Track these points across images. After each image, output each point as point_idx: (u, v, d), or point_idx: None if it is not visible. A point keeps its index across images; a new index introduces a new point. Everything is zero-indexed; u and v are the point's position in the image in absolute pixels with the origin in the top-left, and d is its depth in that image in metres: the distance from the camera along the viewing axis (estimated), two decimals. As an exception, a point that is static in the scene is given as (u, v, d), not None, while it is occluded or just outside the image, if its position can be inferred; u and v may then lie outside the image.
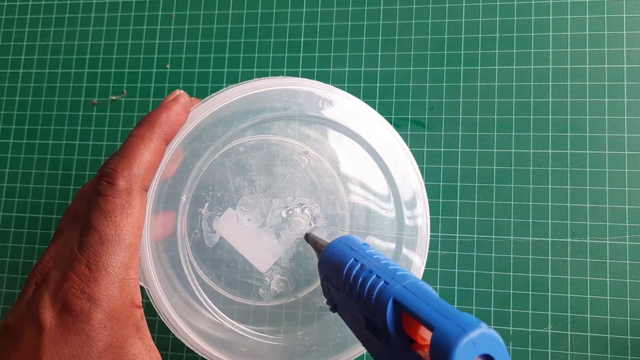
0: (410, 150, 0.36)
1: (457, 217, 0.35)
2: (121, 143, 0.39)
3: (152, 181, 0.25)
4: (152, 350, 0.24)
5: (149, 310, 0.36)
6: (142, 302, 0.36)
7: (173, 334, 0.36)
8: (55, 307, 0.22)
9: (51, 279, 0.23)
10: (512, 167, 0.35)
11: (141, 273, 0.29)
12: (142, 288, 0.31)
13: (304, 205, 0.34)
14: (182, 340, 0.30)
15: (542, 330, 0.33)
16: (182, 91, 0.27)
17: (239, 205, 0.33)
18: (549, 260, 0.34)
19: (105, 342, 0.22)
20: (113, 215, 0.23)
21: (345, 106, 0.32)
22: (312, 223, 0.34)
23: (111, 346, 0.22)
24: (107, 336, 0.22)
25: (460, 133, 0.36)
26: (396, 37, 0.38)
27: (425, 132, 0.36)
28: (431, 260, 0.35)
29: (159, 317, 0.30)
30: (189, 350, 0.36)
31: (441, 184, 0.36)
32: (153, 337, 0.36)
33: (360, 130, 0.33)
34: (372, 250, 0.24)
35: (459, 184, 0.35)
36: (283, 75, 0.39)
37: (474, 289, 0.34)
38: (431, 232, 0.35)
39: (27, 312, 0.22)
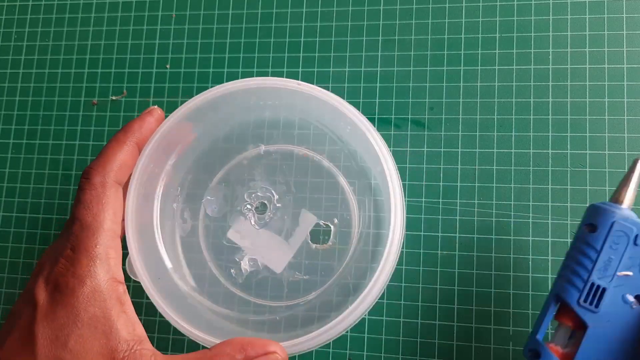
0: (410, 151, 0.36)
1: (457, 217, 0.35)
2: (121, 143, 0.39)
3: (126, 177, 0.29)
4: (135, 322, 0.26)
5: (150, 309, 0.36)
6: (142, 302, 0.36)
7: (174, 332, 0.36)
8: (48, 288, 0.25)
9: (46, 267, 0.26)
10: (512, 167, 0.35)
11: (130, 265, 0.31)
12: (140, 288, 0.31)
13: (310, 210, 0.35)
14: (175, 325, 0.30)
15: (542, 331, 0.33)
16: (156, 107, 0.32)
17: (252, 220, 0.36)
18: (549, 260, 0.34)
19: (89, 313, 0.24)
20: (91, 205, 0.27)
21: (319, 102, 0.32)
22: (325, 227, 0.35)
23: (95, 317, 0.24)
24: (91, 308, 0.25)
25: (460, 133, 0.36)
26: (396, 37, 0.38)
27: (425, 132, 0.36)
28: (431, 260, 0.35)
29: (146, 299, 0.30)
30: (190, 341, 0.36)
31: (441, 184, 0.36)
32: (153, 337, 0.36)
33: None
34: None
35: (459, 184, 0.35)
36: (283, 75, 0.38)
37: (474, 289, 0.34)
38: (431, 232, 0.35)
39: (26, 297, 0.26)
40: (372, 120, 0.37)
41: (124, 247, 0.29)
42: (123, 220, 0.30)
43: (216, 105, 0.33)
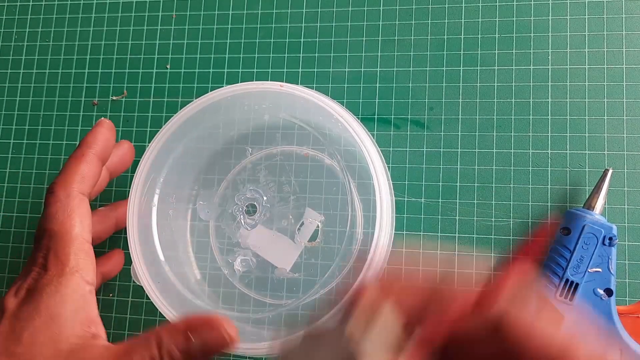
0: (410, 151, 0.36)
1: (457, 218, 0.35)
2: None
3: (89, 187, 0.30)
4: (92, 320, 0.26)
5: (150, 310, 0.36)
6: (142, 302, 0.36)
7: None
8: (19, 295, 0.26)
9: (19, 280, 0.28)
10: (512, 168, 0.35)
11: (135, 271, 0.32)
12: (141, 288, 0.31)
13: (312, 211, 0.35)
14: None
15: (541, 330, 0.33)
16: (104, 118, 0.33)
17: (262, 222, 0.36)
18: (548, 260, 0.34)
19: (50, 311, 0.25)
20: (56, 216, 0.28)
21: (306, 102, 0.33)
22: (319, 225, 0.35)
23: (54, 314, 0.25)
24: (52, 306, 0.25)
25: (459, 133, 0.36)
26: (396, 38, 0.38)
27: (425, 133, 0.36)
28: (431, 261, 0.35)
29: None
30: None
31: (440, 184, 0.36)
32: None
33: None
34: None
35: (458, 184, 0.35)
36: (283, 75, 0.39)
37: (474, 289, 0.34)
38: (431, 232, 0.35)
39: None
40: (371, 120, 0.37)
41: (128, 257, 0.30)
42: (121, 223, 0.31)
43: (203, 115, 0.34)
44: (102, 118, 0.33)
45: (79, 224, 0.28)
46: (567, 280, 0.30)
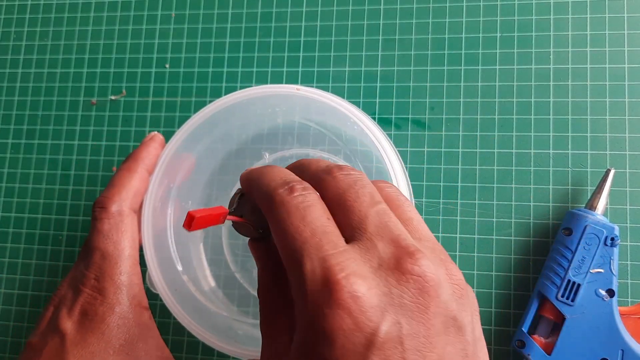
0: (411, 151, 0.36)
1: (458, 218, 0.35)
2: (120, 143, 0.39)
3: (139, 204, 0.30)
4: (162, 346, 0.27)
5: (164, 312, 0.36)
6: (156, 304, 0.36)
7: (188, 335, 0.36)
8: (73, 317, 0.25)
9: (67, 298, 0.26)
10: (513, 168, 0.35)
11: (150, 278, 0.31)
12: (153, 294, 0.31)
13: None
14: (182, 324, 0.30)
15: (542, 331, 0.33)
16: (156, 132, 0.33)
17: None
18: (550, 260, 0.34)
19: (120, 340, 0.25)
20: (110, 234, 0.27)
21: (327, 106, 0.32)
22: None
23: (125, 343, 0.25)
24: (121, 335, 0.25)
25: (460, 133, 0.36)
26: (396, 37, 0.38)
27: (426, 132, 0.36)
28: (431, 261, 0.35)
29: (161, 300, 0.30)
30: (190, 338, 0.36)
31: (442, 184, 0.35)
32: (167, 339, 0.36)
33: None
34: None
35: (459, 184, 0.35)
36: (283, 75, 0.38)
37: (475, 289, 0.34)
38: (432, 232, 0.35)
39: (49, 327, 0.26)
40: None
41: (142, 262, 0.29)
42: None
43: (218, 119, 0.33)
44: (156, 132, 0.32)
45: (131, 244, 0.28)
46: (568, 281, 0.30)
